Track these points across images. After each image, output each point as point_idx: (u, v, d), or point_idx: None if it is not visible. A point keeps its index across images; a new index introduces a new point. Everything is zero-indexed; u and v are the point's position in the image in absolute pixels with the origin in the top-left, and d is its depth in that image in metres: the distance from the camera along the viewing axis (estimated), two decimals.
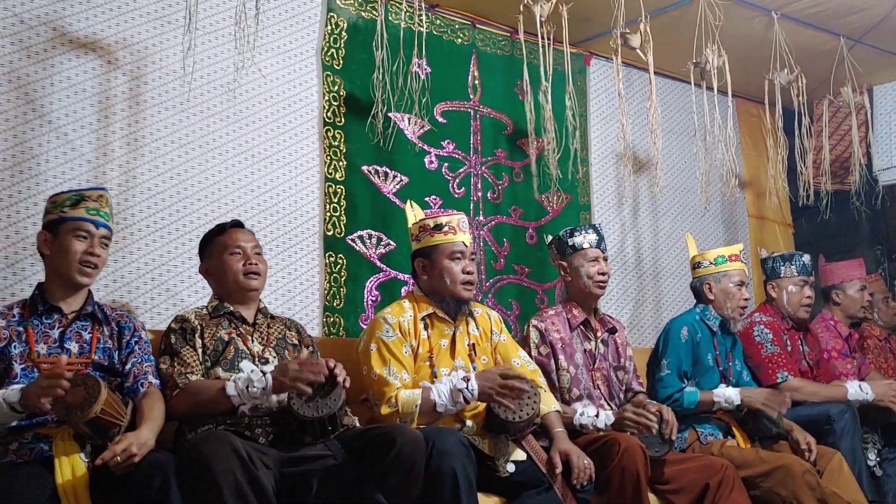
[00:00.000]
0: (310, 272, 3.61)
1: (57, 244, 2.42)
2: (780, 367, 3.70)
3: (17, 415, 2.11)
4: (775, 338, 3.78)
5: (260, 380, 2.37)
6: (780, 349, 3.77)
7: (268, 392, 2.37)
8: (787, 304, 3.93)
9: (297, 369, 2.35)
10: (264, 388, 2.36)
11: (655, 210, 4.99)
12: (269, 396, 2.40)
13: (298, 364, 2.37)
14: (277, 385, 2.37)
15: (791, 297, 3.92)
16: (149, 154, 3.27)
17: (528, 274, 4.31)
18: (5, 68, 2.99)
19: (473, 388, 2.64)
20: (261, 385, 2.36)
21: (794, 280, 3.94)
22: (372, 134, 3.58)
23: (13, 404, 2.07)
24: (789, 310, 3.92)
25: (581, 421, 3.02)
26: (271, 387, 2.37)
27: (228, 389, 2.37)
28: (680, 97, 5.12)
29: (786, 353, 3.78)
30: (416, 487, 2.33)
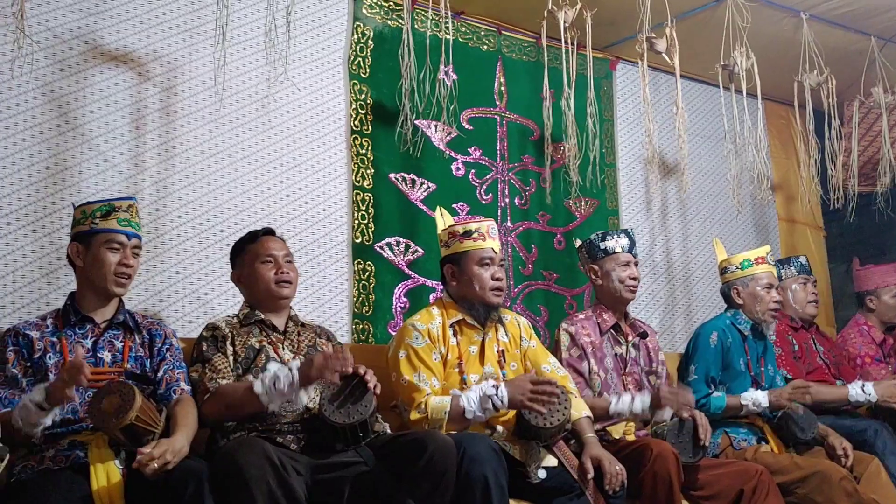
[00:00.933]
0: (339, 280, 3.62)
1: (90, 256, 2.45)
2: (781, 365, 3.71)
3: (44, 412, 2.10)
4: (779, 339, 3.80)
5: (286, 375, 2.34)
6: (784, 350, 3.78)
7: (295, 386, 2.33)
8: (795, 302, 4.03)
9: (322, 361, 2.33)
10: (291, 382, 2.33)
11: (685, 214, 4.96)
12: (296, 392, 2.36)
13: (324, 356, 2.35)
14: (304, 378, 2.33)
15: (796, 296, 4.01)
16: (180, 164, 3.31)
17: (556, 280, 4.30)
18: (40, 82, 3.04)
19: (503, 395, 2.64)
20: (287, 380, 2.33)
21: (796, 279, 4.06)
22: (399, 141, 3.59)
23: (39, 402, 2.09)
24: (797, 308, 4.01)
25: (617, 409, 2.98)
26: (298, 380, 2.33)
27: (256, 388, 2.36)
28: (708, 100, 5.08)
29: (789, 355, 3.77)
30: (447, 493, 2.33)
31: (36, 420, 2.11)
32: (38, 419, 2.11)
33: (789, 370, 3.76)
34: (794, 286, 4.04)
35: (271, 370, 2.42)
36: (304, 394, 2.40)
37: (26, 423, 2.11)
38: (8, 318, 2.83)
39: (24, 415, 2.10)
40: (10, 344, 2.34)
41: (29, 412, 2.09)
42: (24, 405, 2.11)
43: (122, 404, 2.12)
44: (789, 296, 4.01)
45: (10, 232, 2.91)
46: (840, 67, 4.45)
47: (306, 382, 2.35)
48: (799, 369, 3.80)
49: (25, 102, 3.00)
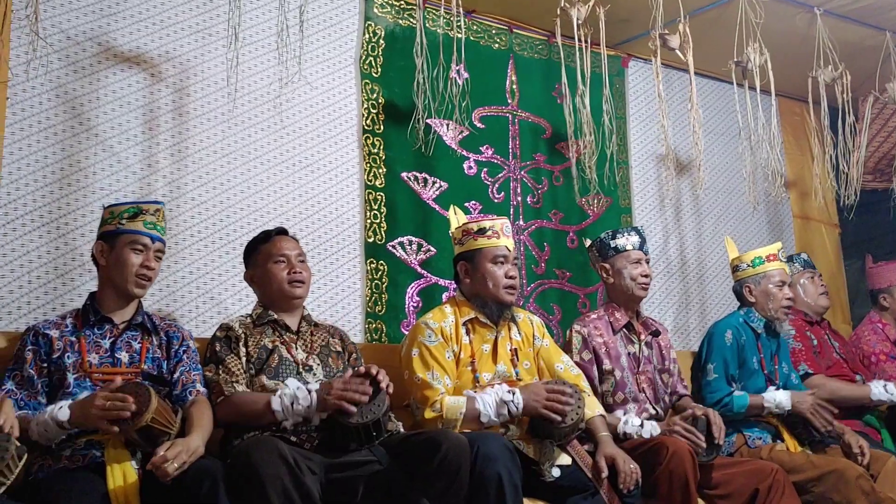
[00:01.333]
0: (351, 279, 3.63)
1: (114, 255, 2.47)
2: (802, 360, 3.69)
3: (63, 431, 2.15)
4: (798, 334, 3.80)
5: (305, 398, 2.38)
6: (804, 346, 3.78)
7: (312, 410, 2.39)
8: (806, 296, 4.03)
9: (341, 388, 2.36)
10: (309, 406, 2.38)
11: (698, 212, 4.93)
12: (312, 415, 2.41)
13: (343, 383, 2.38)
14: (322, 403, 2.38)
15: (807, 290, 4.04)
16: (193, 165, 3.32)
17: (569, 278, 4.29)
18: (53, 83, 3.06)
19: (519, 401, 2.65)
20: (306, 403, 2.38)
21: (803, 274, 4.07)
22: (411, 140, 3.59)
23: (61, 423, 2.11)
24: (809, 302, 4.02)
25: (625, 430, 2.99)
26: (315, 405, 2.38)
27: (273, 405, 2.39)
28: (721, 97, 5.05)
29: (809, 350, 3.76)
30: (461, 492, 2.33)
31: (55, 438, 2.15)
32: (57, 435, 2.15)
33: (810, 365, 3.74)
34: (803, 281, 4.06)
35: (291, 388, 2.43)
36: (318, 417, 2.43)
37: (43, 438, 2.14)
38: (23, 318, 2.86)
39: (43, 430, 2.14)
40: (30, 343, 2.36)
41: (49, 429, 2.13)
42: (44, 421, 2.14)
43: (138, 406, 2.13)
44: (800, 291, 4.02)
45: (25, 233, 2.93)
46: (855, 63, 4.41)
47: (323, 409, 2.39)
48: (819, 364, 3.78)
49: (40, 104, 3.02)
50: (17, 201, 2.93)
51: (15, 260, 2.90)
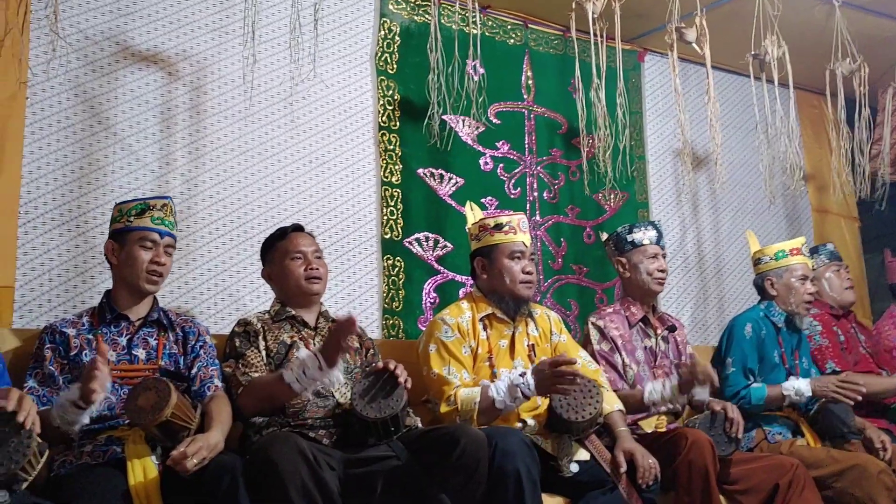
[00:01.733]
0: (368, 275, 3.63)
1: (124, 253, 2.48)
2: (829, 357, 3.64)
3: (81, 410, 2.12)
4: (825, 330, 3.76)
5: (312, 358, 2.34)
6: (831, 342, 3.72)
7: (323, 368, 2.33)
8: (831, 290, 3.98)
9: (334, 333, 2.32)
10: (318, 365, 2.33)
11: (716, 206, 4.90)
12: (327, 373, 2.35)
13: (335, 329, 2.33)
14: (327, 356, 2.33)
15: (832, 284, 3.98)
16: (210, 163, 3.34)
17: (586, 273, 4.27)
18: (72, 83, 3.08)
19: (529, 382, 2.60)
20: (314, 364, 2.33)
21: (828, 267, 4.01)
22: (427, 137, 3.59)
23: (75, 401, 2.11)
24: (834, 296, 3.97)
25: (652, 398, 2.96)
26: (324, 361, 2.33)
27: (286, 378, 2.37)
28: (738, 91, 5.02)
29: (836, 347, 3.71)
30: (479, 487, 2.33)
31: (73, 418, 2.14)
32: (75, 417, 2.14)
33: (837, 362, 3.69)
34: (828, 274, 3.99)
35: (298, 359, 2.43)
36: (337, 371, 2.38)
37: (64, 422, 2.14)
38: (44, 316, 2.88)
39: (62, 413, 2.13)
40: (48, 341, 2.37)
41: (66, 410, 2.12)
42: (61, 403, 2.13)
43: (157, 401, 2.14)
44: (825, 285, 3.95)
45: (44, 231, 2.95)
46: (873, 55, 4.37)
47: (331, 360, 2.34)
48: (846, 361, 3.73)
49: (59, 104, 3.05)
50: (36, 200, 2.96)
51: (35, 258, 2.93)
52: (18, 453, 1.80)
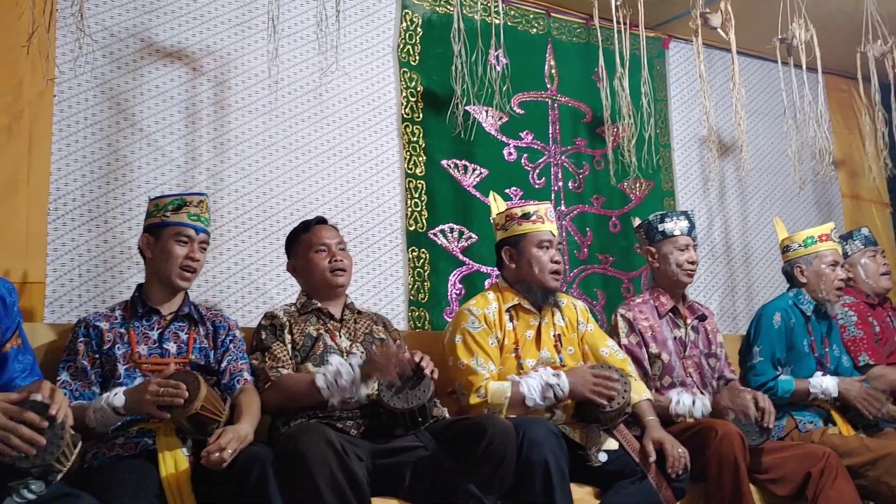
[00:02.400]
0: (394, 267, 3.64)
1: (159, 247, 2.51)
2: (863, 350, 3.57)
3: (119, 417, 2.18)
4: (860, 320, 3.67)
5: (348, 371, 2.39)
6: (865, 333, 3.64)
7: (356, 383, 2.39)
8: (867, 277, 3.86)
9: (383, 360, 2.36)
10: (353, 379, 2.38)
11: (743, 193, 4.85)
12: (357, 388, 2.42)
13: (384, 354, 2.38)
14: (365, 375, 2.39)
15: (868, 270, 3.87)
16: (235, 157, 3.36)
17: (612, 263, 4.25)
18: (98, 80, 3.11)
19: (565, 385, 2.63)
20: (349, 377, 2.38)
21: (864, 253, 3.89)
22: (450, 128, 3.58)
23: (117, 408, 2.15)
24: (870, 282, 3.85)
25: (677, 410, 2.95)
26: (359, 377, 2.39)
27: (318, 381, 2.40)
28: (765, 76, 4.96)
29: (871, 338, 3.63)
30: (507, 477, 2.33)
31: (111, 422, 2.19)
32: (112, 422, 2.18)
33: (871, 355, 3.60)
34: (864, 260, 3.87)
35: (333, 364, 2.45)
36: (364, 388, 2.44)
37: (100, 423, 2.18)
38: (75, 311, 2.92)
39: (100, 416, 2.17)
40: (81, 335, 2.40)
41: (106, 415, 2.16)
42: (101, 407, 2.17)
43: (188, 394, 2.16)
44: (860, 272, 3.84)
45: (74, 228, 2.99)
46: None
47: (367, 378, 2.40)
48: (880, 353, 3.64)
49: (86, 101, 3.08)
50: (65, 196, 3.00)
51: (65, 254, 2.96)
52: (53, 445, 1.82)
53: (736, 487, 2.67)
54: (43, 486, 1.84)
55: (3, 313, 2.17)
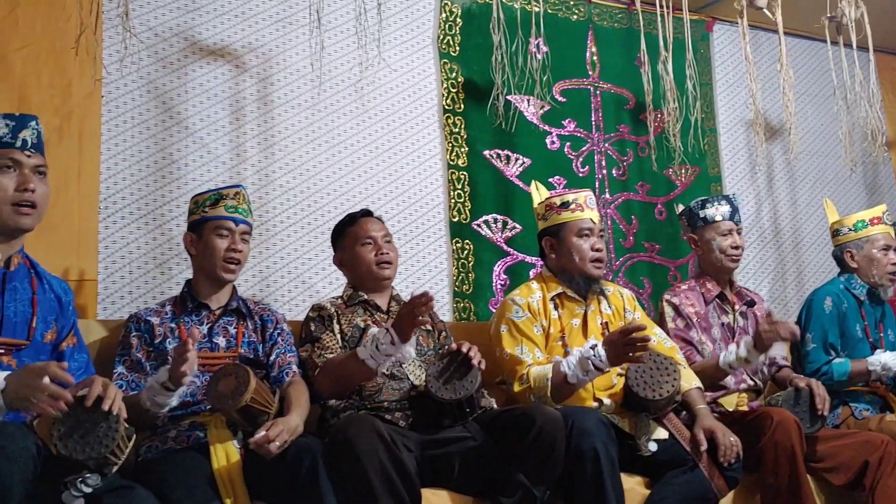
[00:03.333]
0: (438, 259, 3.64)
1: (202, 243, 2.53)
2: None
3: (170, 392, 2.18)
4: None
5: (384, 334, 2.34)
6: None
7: (396, 343, 2.32)
8: None
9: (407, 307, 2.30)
10: (391, 340, 2.32)
11: (792, 177, 4.75)
12: (400, 348, 2.34)
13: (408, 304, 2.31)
14: (399, 331, 2.32)
15: None
16: (280, 152, 3.39)
17: (659, 251, 4.20)
18: (144, 80, 3.16)
19: (601, 353, 2.51)
20: (387, 339, 2.32)
21: None
22: (492, 118, 3.56)
23: (164, 383, 2.17)
24: None
25: (728, 360, 2.87)
26: (396, 336, 2.32)
27: (360, 354, 2.38)
28: (813, 57, 4.84)
29: None
30: (557, 467, 2.32)
31: (163, 401, 2.20)
32: (164, 399, 2.20)
33: None
34: None
35: (370, 335, 2.45)
36: (410, 346, 2.38)
37: (154, 404, 2.20)
38: (126, 307, 2.97)
39: (152, 395, 2.19)
40: (133, 329, 2.44)
41: (156, 392, 2.18)
42: (151, 386, 2.20)
43: (237, 386, 2.18)
44: None
45: (124, 225, 3.05)
46: None
47: (404, 335, 2.33)
48: None
49: (133, 101, 3.13)
50: (115, 195, 3.05)
51: (116, 252, 3.02)
52: (108, 437, 1.86)
53: (793, 476, 2.62)
54: (98, 479, 1.88)
55: (59, 313, 2.23)
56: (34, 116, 2.16)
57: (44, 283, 2.21)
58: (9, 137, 2.08)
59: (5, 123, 2.09)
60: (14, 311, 2.09)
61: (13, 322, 2.08)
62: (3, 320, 2.05)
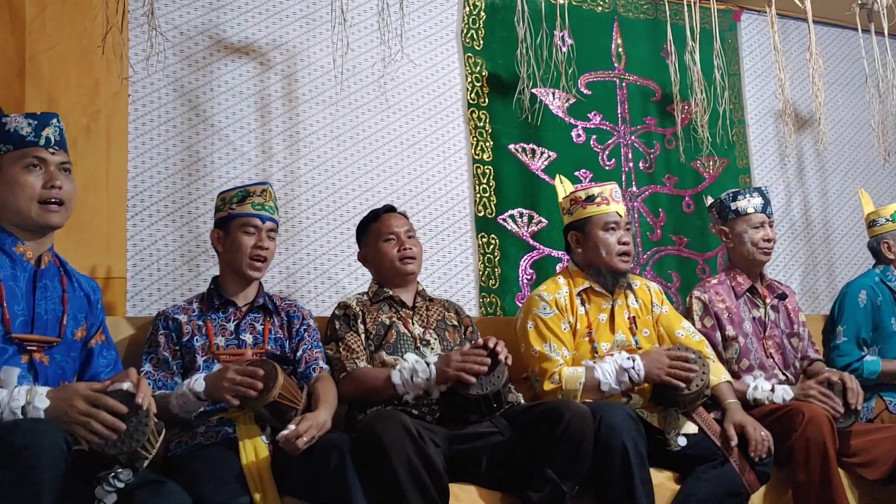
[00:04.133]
0: (464, 254, 3.63)
1: (229, 240, 2.55)
2: None
3: (200, 403, 2.23)
4: None
5: (424, 370, 2.40)
6: None
7: (431, 382, 2.41)
8: None
9: (460, 360, 2.36)
10: (428, 378, 2.40)
11: (823, 168, 4.68)
12: (433, 387, 2.43)
13: (462, 355, 2.38)
14: (441, 376, 2.39)
15: None
16: (305, 149, 3.39)
17: (687, 244, 4.15)
18: (170, 78, 3.18)
19: (640, 368, 2.56)
20: (425, 376, 2.40)
21: None
22: (517, 112, 3.54)
23: (198, 394, 2.20)
24: None
25: (755, 395, 2.86)
26: (435, 377, 2.40)
27: (394, 378, 2.43)
28: (844, 45, 4.76)
29: None
30: (585, 462, 2.30)
31: (193, 409, 2.24)
32: (195, 408, 2.24)
33: None
34: None
35: (410, 362, 2.46)
36: (437, 391, 2.44)
37: (183, 411, 2.23)
38: (155, 304, 3.00)
39: (183, 402, 2.22)
40: (161, 327, 2.46)
41: (188, 401, 2.21)
42: (182, 393, 2.22)
43: (265, 382, 2.19)
44: None
45: (152, 223, 3.07)
46: None
47: (443, 381, 2.40)
48: None
49: (159, 99, 3.15)
50: (143, 193, 3.07)
51: (144, 249, 3.05)
52: (139, 432, 1.87)
53: (825, 472, 2.58)
54: (130, 474, 1.89)
55: (88, 310, 2.24)
56: (55, 114, 2.18)
57: (73, 281, 2.23)
58: (32, 136, 2.11)
59: (28, 123, 2.11)
60: (45, 309, 2.11)
61: (44, 319, 2.10)
62: (35, 318, 2.08)
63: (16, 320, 2.03)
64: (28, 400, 1.80)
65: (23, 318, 2.05)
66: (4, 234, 2.10)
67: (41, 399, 1.80)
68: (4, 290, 2.03)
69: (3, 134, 2.10)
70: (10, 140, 2.10)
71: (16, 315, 2.04)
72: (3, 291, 2.03)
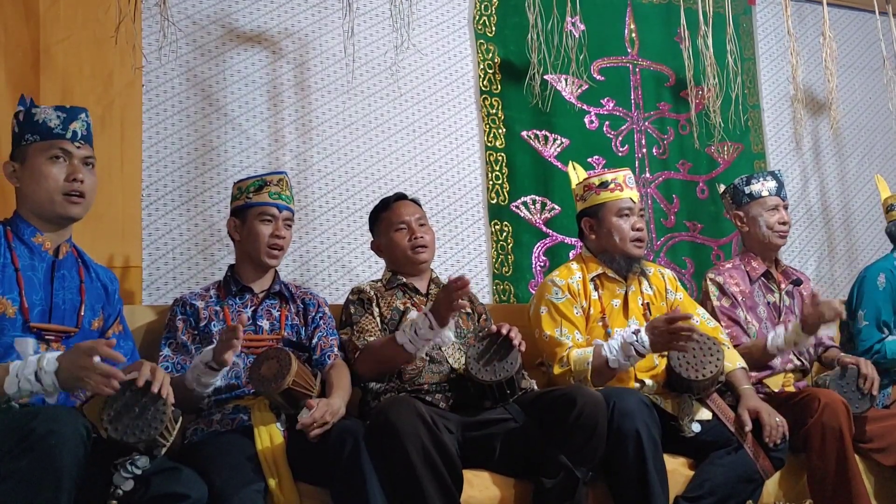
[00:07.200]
0: (477, 241, 3.63)
1: (245, 229, 2.56)
2: None
3: (214, 372, 2.23)
4: None
5: (423, 319, 2.36)
6: None
7: (434, 327, 2.34)
8: None
9: (444, 292, 2.31)
10: (429, 324, 2.34)
11: (840, 152, 4.64)
12: (439, 332, 2.36)
13: (444, 288, 2.33)
14: (438, 315, 2.33)
15: None
16: (317, 137, 3.40)
17: (701, 230, 4.13)
18: (183, 67, 3.19)
19: (644, 339, 2.50)
20: (425, 323, 2.34)
21: None
22: (529, 98, 3.52)
23: (208, 363, 2.21)
24: None
25: (776, 343, 2.82)
26: (434, 320, 2.34)
27: (398, 339, 2.40)
28: (860, 28, 4.70)
29: None
30: (598, 448, 2.30)
31: (207, 380, 2.25)
32: (208, 379, 2.25)
33: None
34: None
35: (409, 319, 2.46)
36: (449, 331, 2.39)
37: (198, 384, 2.25)
38: (171, 293, 3.02)
39: (196, 374, 2.24)
40: (179, 313, 2.49)
41: (200, 372, 2.23)
42: (195, 365, 2.25)
43: (279, 369, 2.21)
44: None
45: (167, 212, 3.09)
46: None
47: (442, 320, 2.34)
48: None
49: (172, 89, 3.16)
50: (157, 182, 3.09)
51: (159, 238, 3.07)
52: (156, 420, 1.90)
53: (841, 459, 2.57)
54: (147, 461, 1.92)
55: (105, 301, 2.27)
56: (84, 109, 2.21)
57: (90, 271, 2.26)
58: (60, 129, 2.14)
59: (57, 115, 2.15)
60: (63, 299, 2.14)
61: (62, 309, 2.13)
62: (53, 307, 2.10)
63: (34, 310, 2.06)
64: (39, 365, 1.83)
65: (41, 307, 2.09)
66: (24, 225, 2.13)
67: (51, 363, 1.84)
68: (23, 279, 2.06)
69: (31, 125, 2.14)
70: (38, 131, 2.13)
71: (34, 304, 2.07)
72: (22, 281, 2.06)
